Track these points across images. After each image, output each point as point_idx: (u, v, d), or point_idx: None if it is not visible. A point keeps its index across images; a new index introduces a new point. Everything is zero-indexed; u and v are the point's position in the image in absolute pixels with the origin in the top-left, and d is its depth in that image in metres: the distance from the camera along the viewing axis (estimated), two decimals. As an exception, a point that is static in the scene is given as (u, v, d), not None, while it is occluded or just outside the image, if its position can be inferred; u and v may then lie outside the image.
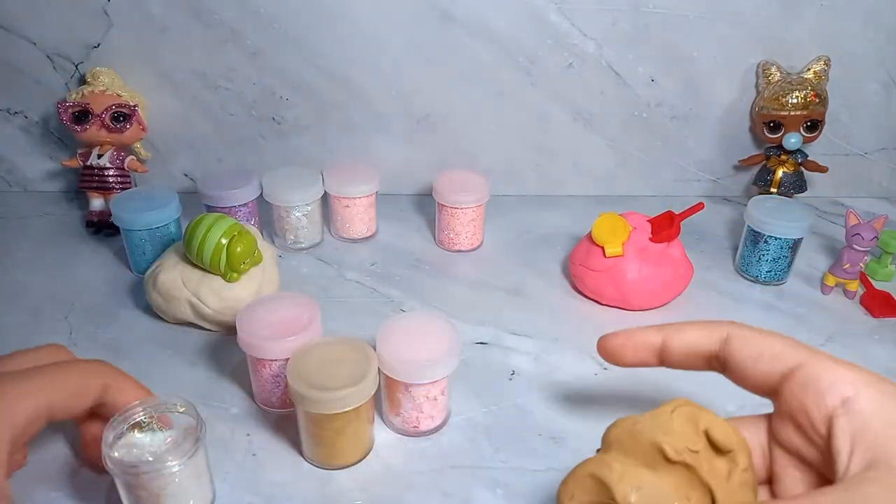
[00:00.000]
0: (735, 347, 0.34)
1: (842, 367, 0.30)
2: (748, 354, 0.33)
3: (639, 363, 0.37)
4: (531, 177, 0.80)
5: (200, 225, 0.53)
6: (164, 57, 0.71)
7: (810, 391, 0.30)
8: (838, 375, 0.30)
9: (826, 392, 0.29)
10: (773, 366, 0.32)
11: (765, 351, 0.32)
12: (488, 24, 0.70)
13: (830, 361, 0.31)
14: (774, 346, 0.32)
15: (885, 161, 0.81)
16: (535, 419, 0.49)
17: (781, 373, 0.31)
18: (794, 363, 0.31)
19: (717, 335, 0.35)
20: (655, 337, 0.36)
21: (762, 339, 0.33)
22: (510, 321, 0.59)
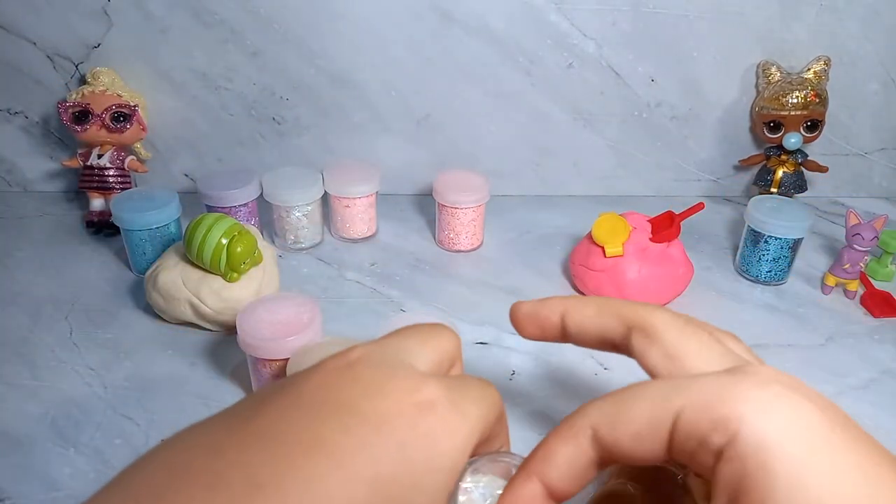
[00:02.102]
0: (637, 351, 0.31)
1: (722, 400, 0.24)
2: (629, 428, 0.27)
3: (543, 338, 0.35)
4: (531, 177, 0.80)
5: (200, 225, 0.53)
6: (164, 57, 0.71)
7: (693, 444, 0.25)
8: (718, 414, 0.24)
9: (708, 439, 0.24)
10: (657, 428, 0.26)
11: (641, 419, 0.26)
12: (488, 24, 0.70)
13: (710, 395, 0.25)
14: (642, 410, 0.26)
15: (885, 161, 0.81)
16: (536, 419, 0.49)
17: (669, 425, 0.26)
18: (675, 410, 0.25)
19: (616, 325, 0.32)
20: (553, 315, 0.34)
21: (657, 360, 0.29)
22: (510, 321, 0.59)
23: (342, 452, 0.23)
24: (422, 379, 0.27)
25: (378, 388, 0.26)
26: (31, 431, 0.47)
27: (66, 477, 0.44)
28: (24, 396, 0.50)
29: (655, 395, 0.26)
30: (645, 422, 0.26)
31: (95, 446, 0.46)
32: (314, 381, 0.26)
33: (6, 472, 0.44)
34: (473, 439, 0.27)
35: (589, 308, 0.33)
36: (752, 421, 0.23)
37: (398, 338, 0.30)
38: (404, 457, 0.24)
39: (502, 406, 0.31)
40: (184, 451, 0.23)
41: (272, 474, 0.22)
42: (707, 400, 0.25)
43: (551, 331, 0.34)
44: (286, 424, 0.24)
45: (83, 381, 0.51)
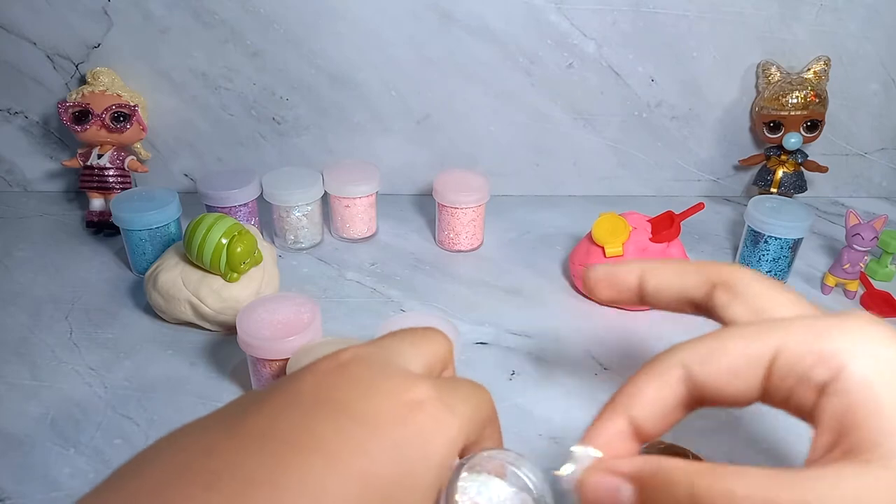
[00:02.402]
0: (719, 306, 0.30)
1: (827, 336, 0.25)
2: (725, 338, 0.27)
3: (618, 300, 0.35)
4: (531, 177, 0.80)
5: (200, 225, 0.53)
6: (164, 57, 0.71)
7: (793, 380, 0.25)
8: (823, 349, 0.24)
9: (810, 374, 0.24)
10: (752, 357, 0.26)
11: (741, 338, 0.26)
12: (488, 24, 0.70)
13: (813, 333, 0.25)
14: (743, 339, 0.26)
15: (885, 161, 0.81)
16: (535, 419, 0.49)
17: (767, 360, 0.26)
18: (775, 346, 0.25)
19: (698, 283, 0.31)
20: (630, 275, 0.33)
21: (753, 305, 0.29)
22: (510, 321, 0.59)
23: (336, 451, 0.23)
24: (413, 379, 0.27)
25: (370, 388, 0.26)
26: (31, 431, 0.47)
27: (66, 477, 0.44)
28: (24, 396, 0.50)
29: (752, 333, 0.26)
30: (741, 358, 0.26)
31: (95, 446, 0.46)
32: (308, 381, 0.26)
33: (6, 472, 0.44)
34: (464, 437, 0.27)
35: (669, 267, 0.33)
36: (859, 354, 0.24)
37: (391, 340, 0.30)
38: (397, 455, 0.24)
39: (493, 407, 0.31)
40: (181, 451, 0.23)
41: (268, 473, 0.22)
42: (811, 335, 0.25)
43: (627, 292, 0.34)
44: (281, 424, 0.24)
45: (83, 381, 0.52)
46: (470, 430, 0.28)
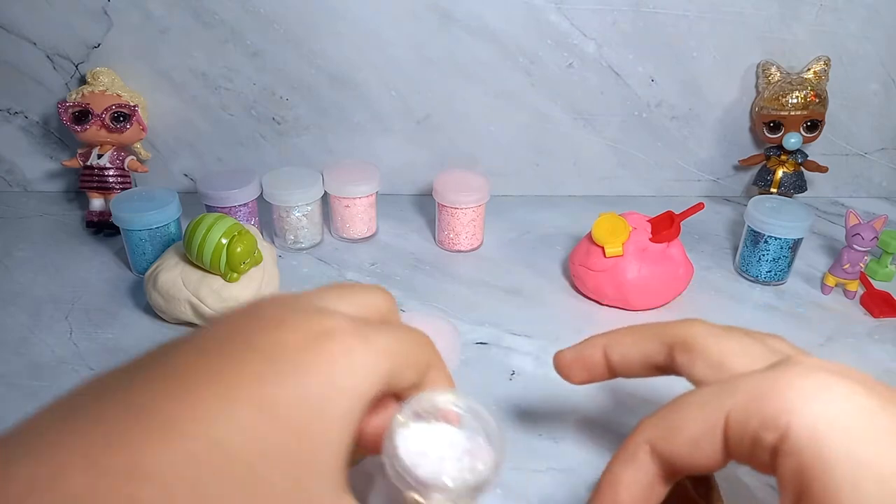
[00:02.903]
0: (681, 368, 0.31)
1: (770, 397, 0.25)
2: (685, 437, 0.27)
3: (592, 380, 0.35)
4: (531, 177, 0.80)
5: (200, 225, 0.53)
6: (164, 57, 0.71)
7: (747, 444, 0.25)
8: (766, 411, 0.24)
9: (761, 437, 0.25)
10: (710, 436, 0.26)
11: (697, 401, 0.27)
12: (488, 24, 0.70)
13: (756, 394, 0.25)
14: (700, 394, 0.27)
15: (885, 161, 0.81)
16: (535, 419, 0.49)
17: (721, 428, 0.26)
18: (724, 412, 0.26)
19: (657, 348, 0.32)
20: (596, 353, 0.34)
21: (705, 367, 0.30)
22: (510, 321, 0.59)
23: (230, 380, 0.23)
24: (327, 313, 0.26)
25: (277, 323, 0.25)
26: (31, 431, 0.47)
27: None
28: (24, 396, 0.50)
29: (704, 401, 0.27)
30: (698, 428, 0.26)
31: (95, 446, 0.46)
32: (218, 322, 0.26)
33: (6, 472, 0.44)
34: (384, 370, 0.26)
35: (627, 337, 0.34)
36: (801, 412, 0.24)
37: (317, 289, 0.29)
38: (297, 381, 0.23)
39: (435, 351, 0.30)
40: (79, 395, 0.23)
41: (156, 402, 0.22)
42: (753, 398, 0.25)
43: (598, 369, 0.34)
44: (182, 362, 0.24)
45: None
46: (395, 366, 0.27)
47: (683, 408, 0.27)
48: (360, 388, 0.25)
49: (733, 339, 0.30)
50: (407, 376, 0.28)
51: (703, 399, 0.27)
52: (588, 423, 0.49)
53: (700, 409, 0.27)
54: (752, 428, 0.25)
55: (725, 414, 0.26)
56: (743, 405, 0.25)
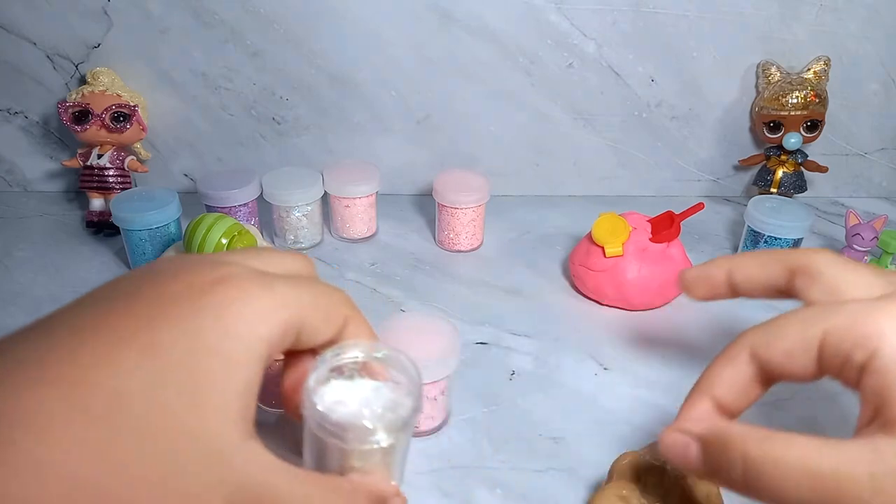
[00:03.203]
0: (800, 291, 0.33)
1: (864, 322, 0.28)
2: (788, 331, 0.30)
3: (713, 297, 0.37)
4: (531, 177, 0.80)
5: (200, 225, 0.53)
6: (164, 57, 0.71)
7: (839, 361, 0.28)
8: (859, 333, 0.27)
9: (852, 355, 0.27)
10: (808, 343, 0.29)
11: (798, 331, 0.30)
12: (488, 24, 0.70)
13: (853, 318, 0.28)
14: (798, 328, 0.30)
15: (885, 161, 0.81)
16: (535, 419, 0.49)
17: (817, 343, 0.29)
18: (822, 330, 0.29)
19: (779, 272, 0.34)
20: (720, 273, 0.36)
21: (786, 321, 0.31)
22: (510, 321, 0.59)
23: (115, 327, 0.23)
24: (225, 263, 0.26)
25: (172, 273, 0.25)
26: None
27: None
28: (24, 396, 0.50)
29: (806, 318, 0.30)
30: (796, 340, 0.29)
31: (95, 446, 0.46)
32: (116, 279, 0.26)
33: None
34: (284, 315, 0.26)
35: (752, 259, 0.36)
36: (891, 338, 0.27)
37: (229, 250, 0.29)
38: (186, 325, 0.23)
39: (351, 304, 0.30)
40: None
41: (39, 353, 0.22)
42: (851, 320, 0.28)
43: (720, 288, 0.37)
44: (71, 315, 0.24)
45: (83, 381, 0.51)
46: (303, 316, 0.27)
47: (787, 320, 0.30)
48: (257, 332, 0.25)
49: (853, 271, 0.32)
50: (321, 329, 0.28)
51: (807, 315, 0.30)
52: (588, 424, 0.49)
53: (800, 324, 0.29)
54: (846, 347, 0.27)
55: (824, 331, 0.28)
56: (841, 325, 0.28)
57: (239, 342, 0.24)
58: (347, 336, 0.30)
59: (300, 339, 0.27)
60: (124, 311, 0.24)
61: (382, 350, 0.30)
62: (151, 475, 0.21)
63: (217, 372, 0.23)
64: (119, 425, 0.21)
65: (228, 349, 0.24)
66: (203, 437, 0.23)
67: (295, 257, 0.31)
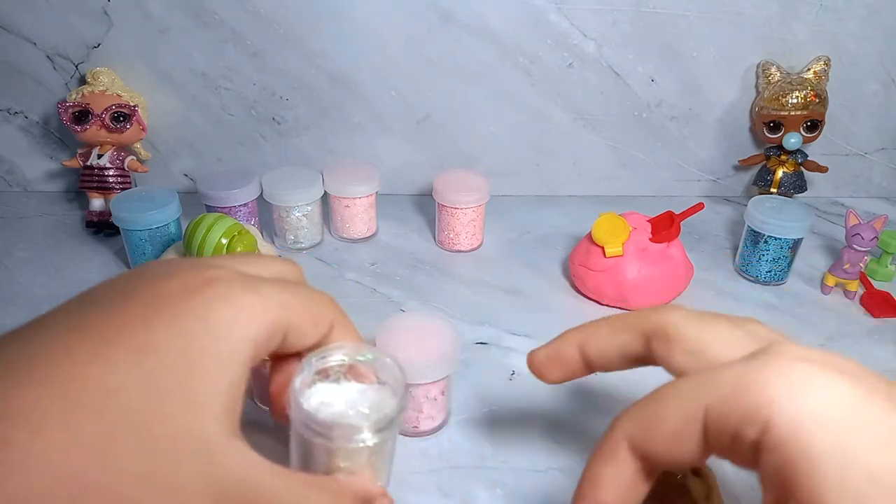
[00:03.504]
0: (660, 358, 0.29)
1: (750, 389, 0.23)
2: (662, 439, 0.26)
3: (569, 377, 0.33)
4: (531, 177, 0.80)
5: (200, 225, 0.53)
6: (164, 57, 0.71)
7: (727, 439, 0.24)
8: (747, 404, 0.23)
9: (741, 432, 0.23)
10: (690, 431, 0.25)
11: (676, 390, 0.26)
12: (488, 24, 0.70)
13: (735, 386, 0.24)
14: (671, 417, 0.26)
15: (885, 161, 0.81)
16: (535, 419, 0.49)
17: (701, 422, 0.25)
18: (704, 405, 0.25)
19: (633, 339, 0.31)
20: (570, 350, 0.32)
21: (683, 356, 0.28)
22: (510, 321, 0.59)
23: (107, 327, 0.24)
24: (213, 266, 0.27)
25: (161, 275, 0.26)
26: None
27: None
28: (24, 396, 0.50)
29: (682, 394, 0.26)
30: (676, 423, 0.25)
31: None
32: (107, 281, 0.27)
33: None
34: (270, 317, 0.26)
35: (602, 329, 0.32)
36: (783, 405, 0.22)
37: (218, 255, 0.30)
38: (175, 326, 0.24)
39: (337, 308, 0.31)
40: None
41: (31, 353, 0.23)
42: (732, 390, 0.24)
43: (574, 366, 0.33)
44: (64, 317, 0.25)
45: (83, 381, 0.51)
46: (290, 318, 0.27)
47: (661, 401, 0.26)
48: (243, 332, 0.25)
49: (711, 326, 0.29)
50: (308, 332, 0.29)
51: (682, 392, 0.26)
52: (588, 423, 0.49)
53: (678, 403, 0.25)
54: (733, 422, 0.23)
55: (705, 407, 0.24)
56: (722, 398, 0.24)
57: (226, 343, 0.25)
58: (333, 339, 0.30)
59: (287, 342, 0.28)
60: (119, 311, 0.24)
61: (367, 353, 0.31)
62: (144, 470, 0.22)
63: (207, 372, 0.24)
64: (114, 421, 0.22)
65: (217, 349, 0.25)
66: (192, 434, 0.23)
67: (284, 262, 0.32)
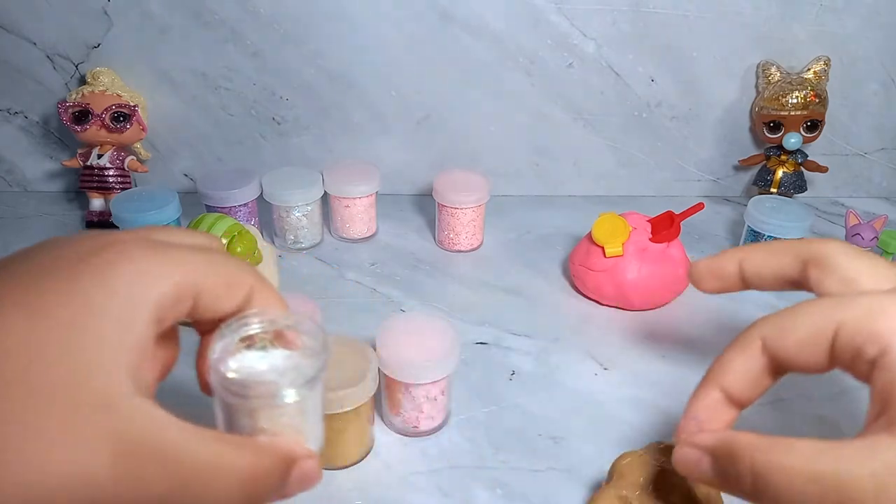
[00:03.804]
0: (813, 282, 0.33)
1: (878, 317, 0.27)
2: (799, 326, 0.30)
3: (724, 289, 0.37)
4: (531, 177, 0.80)
5: (200, 225, 0.54)
6: (164, 57, 0.71)
7: (850, 354, 0.28)
8: (873, 328, 0.27)
9: (863, 349, 0.27)
10: (821, 334, 0.29)
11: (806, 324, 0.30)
12: (488, 24, 0.70)
13: (867, 312, 0.28)
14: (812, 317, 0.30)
15: (885, 161, 0.81)
16: (535, 419, 0.49)
17: (830, 336, 0.29)
18: (836, 323, 0.29)
19: (791, 263, 0.34)
20: (730, 265, 0.36)
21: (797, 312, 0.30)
22: (510, 321, 0.59)
23: (5, 294, 0.24)
24: (115, 232, 0.28)
25: (63, 242, 0.26)
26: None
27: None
28: (24, 396, 0.50)
29: (819, 310, 0.29)
30: (808, 332, 0.29)
31: (95, 446, 0.46)
32: (19, 251, 0.27)
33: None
34: (174, 278, 0.26)
35: (763, 251, 0.35)
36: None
37: None
38: (70, 286, 0.24)
39: (256, 274, 0.30)
40: None
41: None
42: (864, 315, 0.28)
43: (730, 279, 0.36)
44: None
45: (83, 381, 0.51)
46: (198, 281, 0.27)
47: (800, 312, 0.30)
48: (144, 293, 0.25)
49: (866, 260, 0.32)
50: (222, 296, 0.28)
51: (820, 308, 0.29)
52: (588, 424, 0.49)
53: (814, 316, 0.29)
54: (858, 340, 0.27)
55: (837, 323, 0.28)
56: (854, 319, 0.28)
57: (126, 302, 0.25)
58: (255, 305, 0.30)
59: (200, 306, 0.28)
60: (14, 273, 0.25)
61: (289, 317, 0.30)
62: (41, 426, 0.22)
63: (103, 330, 0.24)
64: (7, 380, 0.22)
65: (116, 308, 0.24)
66: (92, 391, 0.23)
67: (203, 235, 0.31)
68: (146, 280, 0.25)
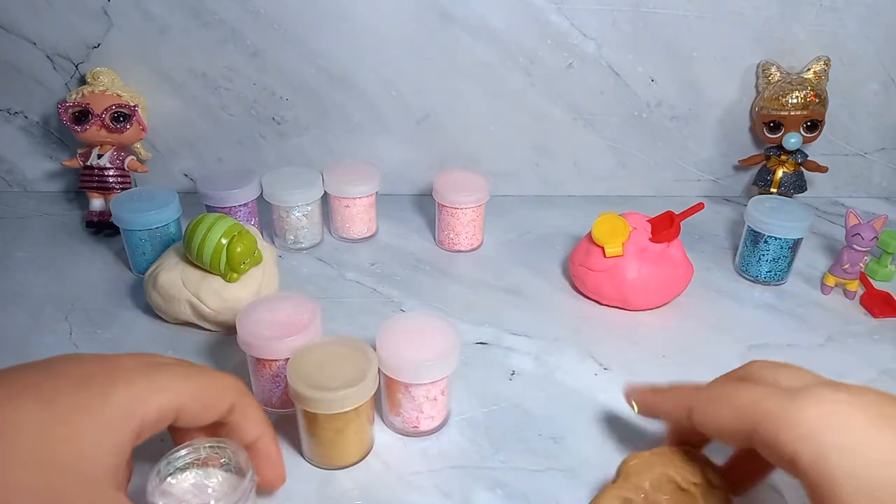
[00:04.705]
0: (698, 423, 0.36)
1: (788, 422, 0.31)
2: (711, 428, 0.35)
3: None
4: (531, 177, 0.80)
5: (200, 225, 0.53)
6: (164, 57, 0.71)
7: (768, 449, 0.32)
8: (785, 435, 0.31)
9: (780, 455, 0.31)
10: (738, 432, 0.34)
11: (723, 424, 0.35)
12: (488, 24, 0.70)
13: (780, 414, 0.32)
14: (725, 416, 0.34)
15: (885, 161, 0.81)
16: (535, 419, 0.49)
17: (747, 436, 0.33)
18: (750, 426, 0.33)
19: (679, 413, 0.38)
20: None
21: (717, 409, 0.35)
22: (510, 321, 0.59)
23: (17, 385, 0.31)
24: (122, 357, 0.34)
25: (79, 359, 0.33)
26: (31, 431, 0.47)
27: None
28: (24, 396, 0.50)
29: (741, 405, 0.34)
30: (727, 424, 0.34)
31: (95, 446, 0.46)
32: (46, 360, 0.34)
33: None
34: (160, 400, 0.32)
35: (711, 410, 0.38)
36: (808, 442, 0.30)
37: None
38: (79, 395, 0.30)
39: (242, 393, 0.37)
40: None
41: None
42: (773, 424, 0.32)
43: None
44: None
45: (83, 381, 0.51)
46: (177, 400, 0.33)
47: (724, 401, 0.35)
48: (132, 410, 0.31)
49: (783, 369, 0.37)
50: (200, 414, 0.35)
51: (741, 403, 0.34)
52: (588, 423, 0.49)
53: (734, 412, 0.34)
54: (771, 447, 0.32)
55: (752, 428, 0.32)
56: (764, 430, 0.32)
57: (115, 413, 0.31)
58: (233, 420, 0.37)
59: (181, 420, 0.34)
60: (31, 375, 0.31)
61: (209, 442, 0.37)
62: (39, 487, 0.28)
63: (94, 428, 0.30)
64: (12, 445, 0.28)
65: (107, 415, 0.31)
66: (82, 473, 0.29)
67: (224, 374, 0.38)
68: (135, 401, 0.32)
